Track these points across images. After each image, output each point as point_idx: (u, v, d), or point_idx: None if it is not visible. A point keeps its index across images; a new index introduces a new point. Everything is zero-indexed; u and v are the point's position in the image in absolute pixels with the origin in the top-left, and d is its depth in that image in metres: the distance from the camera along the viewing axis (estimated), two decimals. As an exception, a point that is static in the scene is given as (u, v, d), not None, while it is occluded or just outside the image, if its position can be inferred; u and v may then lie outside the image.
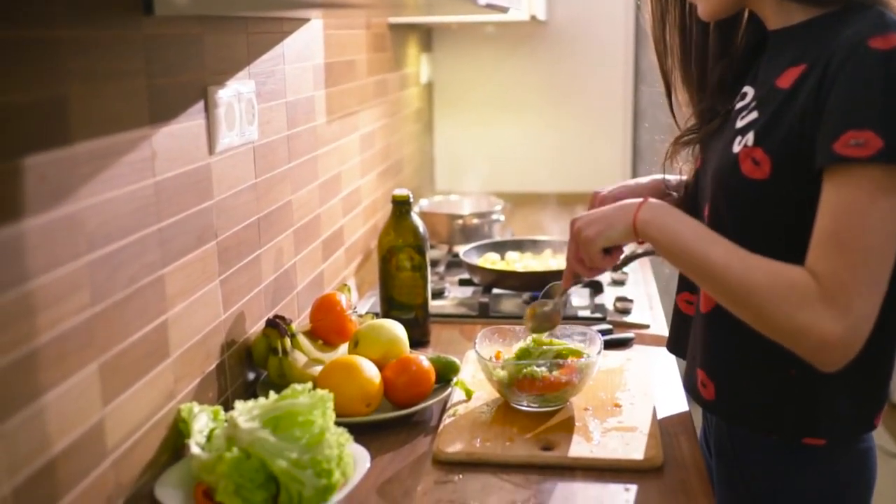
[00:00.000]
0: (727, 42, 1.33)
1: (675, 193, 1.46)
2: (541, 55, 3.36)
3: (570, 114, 3.39)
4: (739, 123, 1.21)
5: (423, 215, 2.47)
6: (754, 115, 1.19)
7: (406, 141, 2.90)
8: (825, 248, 1.06)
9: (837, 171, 1.05)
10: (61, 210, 0.92)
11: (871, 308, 1.05)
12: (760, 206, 1.15)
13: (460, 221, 2.43)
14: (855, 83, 1.04)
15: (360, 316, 1.63)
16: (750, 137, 1.17)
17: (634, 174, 3.45)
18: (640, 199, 1.25)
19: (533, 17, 2.73)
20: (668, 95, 1.41)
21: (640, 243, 1.27)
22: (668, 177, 1.50)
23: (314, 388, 1.17)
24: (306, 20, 1.74)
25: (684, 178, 1.45)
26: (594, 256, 1.31)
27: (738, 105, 1.25)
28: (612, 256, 1.33)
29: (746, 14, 1.32)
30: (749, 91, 1.25)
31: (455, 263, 2.29)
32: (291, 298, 1.68)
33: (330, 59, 1.93)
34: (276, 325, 1.43)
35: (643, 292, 2.09)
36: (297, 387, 1.15)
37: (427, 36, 3.31)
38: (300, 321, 1.71)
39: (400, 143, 2.79)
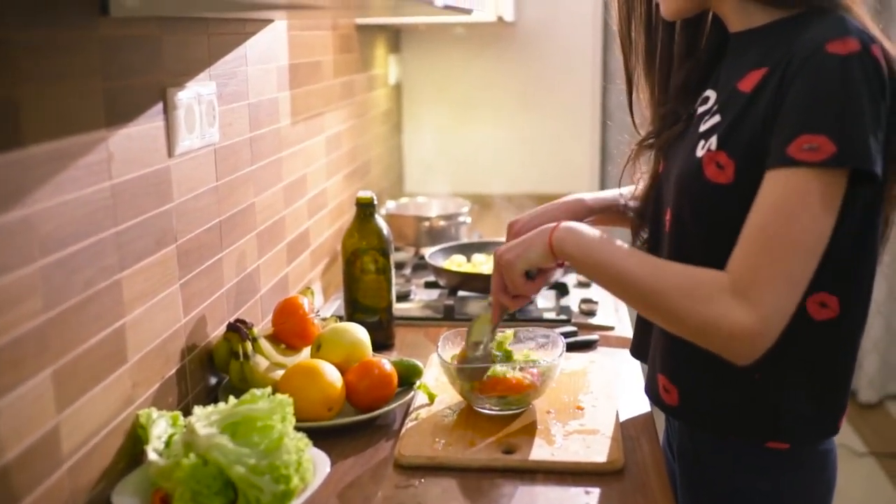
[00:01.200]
0: (692, 43, 1.34)
1: (630, 204, 1.46)
2: (509, 56, 3.36)
3: (539, 114, 3.40)
4: (702, 127, 1.21)
5: (390, 217, 2.47)
6: (717, 118, 1.19)
7: (374, 143, 2.89)
8: (749, 243, 1.07)
9: (782, 171, 1.05)
10: (12, 214, 0.91)
11: (786, 304, 1.05)
12: (725, 210, 1.16)
13: (427, 224, 2.43)
14: (812, 87, 1.05)
15: (324, 319, 1.62)
16: (713, 141, 1.17)
17: (603, 174, 3.46)
18: (556, 223, 1.27)
19: (500, 19, 2.73)
20: (629, 93, 1.41)
21: (560, 265, 1.28)
22: (622, 191, 1.51)
23: (275, 392, 1.16)
24: (269, 21, 1.73)
25: (632, 188, 1.45)
26: (517, 281, 1.32)
27: (701, 109, 1.25)
28: (535, 283, 1.34)
29: (710, 16, 1.32)
30: (711, 95, 1.25)
31: (421, 266, 2.29)
32: (254, 302, 1.67)
33: (295, 61, 1.92)
34: (238, 329, 1.42)
35: (609, 294, 2.09)
36: (257, 392, 1.14)
37: (395, 37, 3.31)
38: (263, 325, 1.70)
39: (368, 145, 2.78)
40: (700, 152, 1.19)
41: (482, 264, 2.13)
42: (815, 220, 1.04)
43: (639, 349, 1.46)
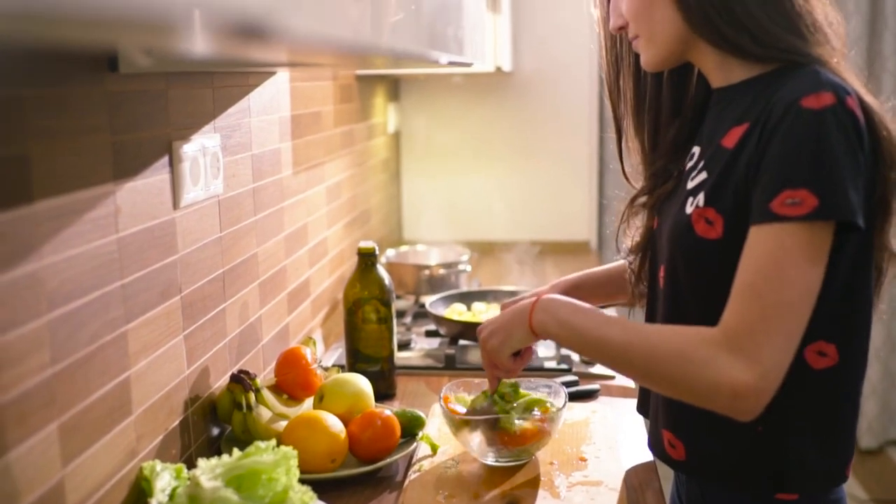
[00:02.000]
0: (679, 98, 1.36)
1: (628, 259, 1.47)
2: (507, 105, 3.40)
3: (537, 162, 3.43)
4: (690, 184, 1.23)
5: (390, 266, 2.48)
6: (703, 175, 1.20)
7: (373, 191, 2.91)
8: (740, 299, 1.07)
9: (766, 227, 1.06)
10: (21, 269, 0.92)
11: (783, 357, 1.06)
12: (717, 265, 1.17)
13: (427, 272, 2.44)
14: (789, 143, 1.06)
15: (326, 369, 1.62)
16: (701, 198, 1.18)
17: (601, 220, 3.48)
18: (533, 299, 1.28)
19: (498, 69, 2.76)
20: (619, 141, 1.43)
21: (544, 339, 1.30)
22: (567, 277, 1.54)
23: (279, 444, 1.16)
24: (272, 73, 1.75)
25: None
26: (505, 363, 1.35)
27: (688, 165, 1.27)
28: (521, 358, 1.37)
29: (696, 72, 1.34)
30: (696, 150, 1.27)
31: (422, 314, 2.29)
32: (257, 352, 1.67)
33: (296, 111, 1.94)
34: (241, 380, 1.42)
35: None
36: (261, 444, 1.14)
37: (394, 86, 3.34)
38: (265, 375, 1.70)
39: (367, 193, 2.79)
40: (689, 209, 1.20)
41: (482, 313, 2.14)
42: (802, 274, 1.05)
43: (643, 405, 1.46)
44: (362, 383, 1.52)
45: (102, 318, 1.08)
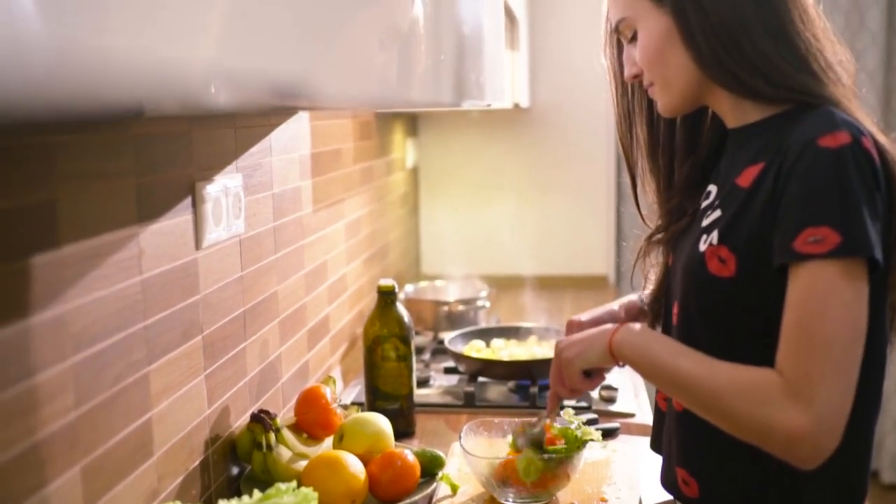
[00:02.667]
0: (694, 139, 1.36)
1: (643, 298, 1.46)
2: (524, 140, 3.41)
3: (555, 196, 3.43)
4: (705, 222, 1.23)
5: (409, 302, 2.48)
6: (718, 213, 1.21)
7: (392, 226, 2.92)
8: (790, 342, 1.07)
9: (800, 268, 1.07)
10: (46, 313, 0.92)
11: (840, 398, 1.05)
12: (729, 303, 1.17)
13: (446, 308, 2.44)
14: (809, 182, 1.07)
15: (345, 408, 1.62)
16: (714, 236, 1.19)
17: (619, 254, 3.47)
18: (617, 325, 1.27)
19: (516, 105, 2.77)
20: (634, 187, 1.43)
21: (621, 365, 1.28)
22: (640, 297, 1.51)
23: (299, 484, 1.16)
24: (294, 112, 1.76)
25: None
26: (574, 378, 1.33)
27: (704, 204, 1.28)
28: (592, 380, 1.35)
29: (710, 112, 1.35)
30: (713, 189, 1.27)
31: (441, 350, 2.29)
32: (276, 390, 1.67)
33: (316, 149, 1.96)
34: (261, 420, 1.42)
35: (629, 379, 2.09)
36: (282, 486, 1.14)
37: (412, 122, 3.36)
38: (285, 412, 1.70)
39: (386, 229, 2.80)
40: (703, 246, 1.21)
41: (501, 349, 2.14)
42: (847, 308, 1.05)
43: (656, 442, 1.45)
44: (382, 423, 1.52)
45: (126, 360, 1.09)
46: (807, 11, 1.19)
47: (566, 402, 1.84)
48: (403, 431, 1.74)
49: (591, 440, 1.43)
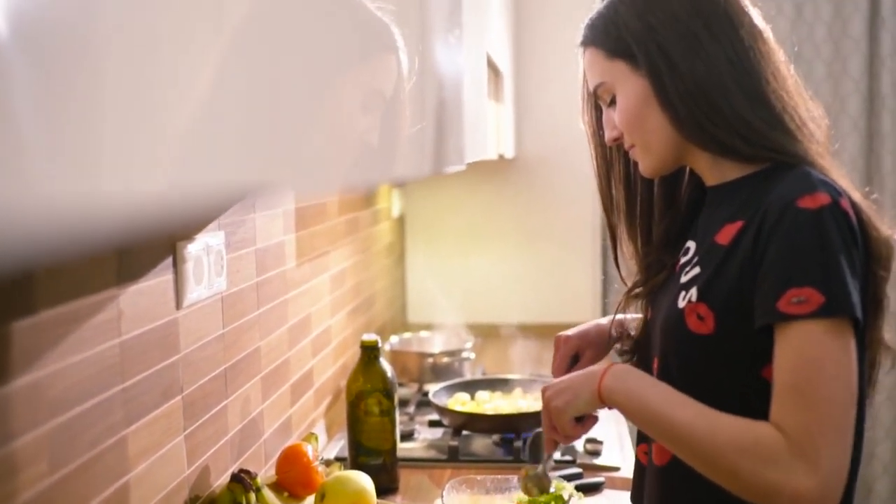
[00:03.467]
0: (672, 197, 1.37)
1: (632, 332, 1.46)
2: (511, 189, 3.43)
3: (541, 245, 3.44)
4: (683, 278, 1.24)
5: (394, 354, 2.48)
6: (697, 270, 1.22)
7: (378, 276, 2.92)
8: (788, 403, 1.07)
9: (785, 328, 1.07)
10: (22, 379, 0.92)
11: (841, 458, 1.05)
12: (708, 360, 1.17)
13: (430, 360, 2.43)
14: (790, 243, 1.08)
15: (327, 465, 1.61)
16: (693, 293, 1.19)
17: (605, 302, 3.47)
18: (604, 366, 1.26)
19: (501, 156, 2.79)
20: (614, 248, 1.43)
21: (609, 409, 1.28)
22: (626, 316, 1.51)
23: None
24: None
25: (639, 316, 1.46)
26: (566, 426, 1.31)
27: (683, 259, 1.28)
28: (584, 425, 1.33)
29: (688, 169, 1.36)
30: (692, 245, 1.28)
31: (425, 403, 2.28)
32: (258, 447, 1.66)
33: (300, 203, 1.96)
34: (241, 480, 1.41)
35: (614, 431, 2.09)
36: (260, 550, 1.13)
37: (398, 171, 3.37)
38: (267, 469, 1.68)
39: (371, 279, 2.80)
40: (682, 303, 1.21)
41: (486, 402, 2.13)
42: (841, 368, 1.06)
43: (637, 496, 1.44)
44: (364, 481, 1.51)
45: (102, 424, 1.08)
46: (779, 70, 1.21)
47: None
48: (387, 487, 1.72)
49: (571, 495, 1.42)
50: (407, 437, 2.04)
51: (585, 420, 1.33)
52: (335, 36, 0.77)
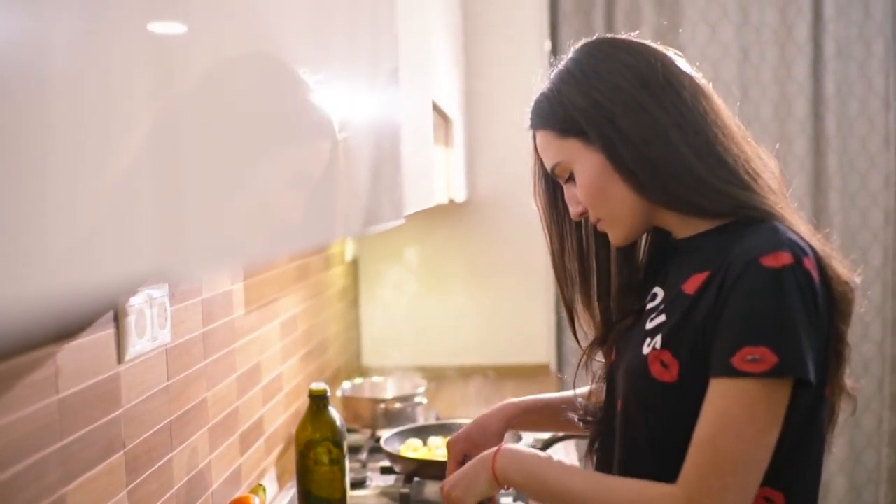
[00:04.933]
0: (630, 258, 1.38)
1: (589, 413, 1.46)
2: (463, 231, 3.44)
3: (495, 286, 3.45)
4: (649, 325, 1.25)
5: (346, 400, 2.47)
6: (663, 317, 1.23)
7: (330, 320, 2.91)
8: (700, 454, 1.09)
9: (727, 381, 1.09)
10: (-46, 442, 0.91)
11: None
12: (670, 407, 1.19)
13: (383, 406, 2.42)
14: (750, 300, 1.10)
15: (276, 516, 1.59)
16: (658, 340, 1.20)
17: (559, 343, 3.49)
18: (495, 449, 1.29)
19: (451, 200, 2.81)
20: (571, 321, 1.43)
21: (507, 488, 1.30)
22: (577, 391, 1.52)
23: None
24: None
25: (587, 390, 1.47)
26: None
27: (650, 305, 1.29)
28: None
29: (645, 236, 1.37)
30: (659, 293, 1.29)
31: (377, 449, 2.26)
32: (206, 498, 1.64)
33: (249, 252, 1.95)
34: (186, 535, 1.39)
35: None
36: None
37: (352, 215, 3.37)
38: (215, 522, 1.67)
39: (324, 324, 2.79)
40: (646, 349, 1.22)
41: (438, 448, 2.12)
42: (761, 432, 1.08)
43: None
44: (312, 532, 1.50)
45: (39, 484, 1.07)
46: (726, 125, 1.23)
47: None
48: (337, 537, 1.71)
49: None
50: (359, 484, 2.02)
51: (487, 502, 1.35)
52: (268, 115, 0.78)
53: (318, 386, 1.74)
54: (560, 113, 1.27)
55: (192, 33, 0.61)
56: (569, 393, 1.57)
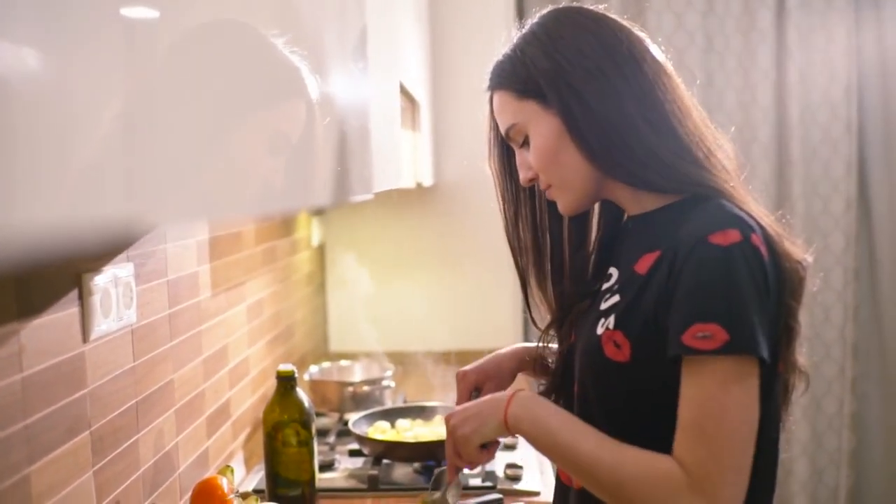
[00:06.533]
0: (583, 233, 1.39)
1: (549, 361, 1.47)
2: (431, 216, 3.44)
3: (462, 272, 3.45)
4: (603, 305, 1.25)
5: (313, 383, 2.46)
6: (616, 298, 1.23)
7: (297, 305, 2.90)
8: (689, 439, 1.09)
9: (692, 362, 1.09)
10: (-84, 418, 0.89)
11: (738, 494, 1.08)
12: (624, 388, 1.19)
13: (350, 389, 2.42)
14: (699, 277, 1.10)
15: (244, 498, 1.58)
16: (611, 321, 1.21)
17: (526, 329, 3.50)
18: (510, 393, 1.27)
19: (419, 184, 2.80)
20: (525, 293, 1.44)
21: (514, 436, 1.29)
22: (527, 345, 1.52)
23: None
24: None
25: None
26: (471, 453, 1.32)
27: (605, 286, 1.29)
28: (488, 451, 1.34)
29: (599, 204, 1.38)
30: (614, 273, 1.29)
31: (346, 432, 2.26)
32: (173, 481, 1.63)
33: (214, 233, 1.94)
34: (153, 515, 1.38)
35: (534, 455, 2.10)
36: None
37: (318, 200, 3.36)
38: (182, 504, 1.66)
39: (291, 309, 2.78)
40: (600, 330, 1.22)
41: (406, 430, 2.12)
42: (742, 408, 1.08)
43: None
44: (280, 513, 1.49)
45: (3, 463, 1.05)
46: (683, 103, 1.24)
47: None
48: (305, 519, 1.70)
49: None
50: (327, 466, 2.02)
51: (490, 446, 1.33)
52: (244, 79, 0.77)
53: (286, 367, 1.73)
54: (521, 74, 1.27)
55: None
56: (522, 344, 1.57)
